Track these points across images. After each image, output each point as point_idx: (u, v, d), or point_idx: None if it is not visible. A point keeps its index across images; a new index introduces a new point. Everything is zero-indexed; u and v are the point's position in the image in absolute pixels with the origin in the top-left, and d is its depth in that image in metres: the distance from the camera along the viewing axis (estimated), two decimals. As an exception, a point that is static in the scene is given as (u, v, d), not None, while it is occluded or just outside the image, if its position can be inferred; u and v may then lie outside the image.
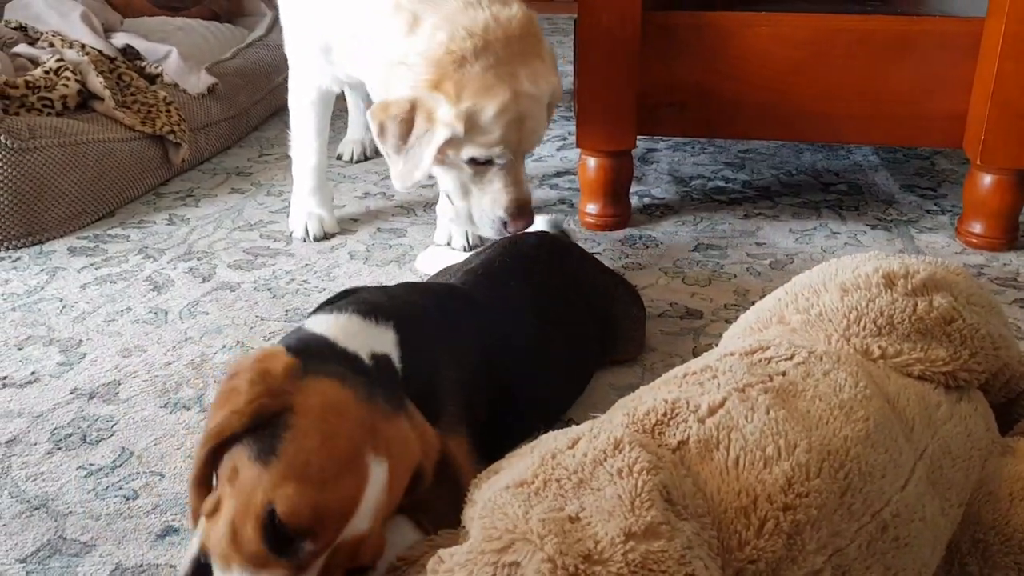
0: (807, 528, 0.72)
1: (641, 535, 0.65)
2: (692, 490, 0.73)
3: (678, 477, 0.74)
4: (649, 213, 2.05)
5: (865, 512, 0.76)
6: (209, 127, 2.45)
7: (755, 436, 0.77)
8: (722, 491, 0.74)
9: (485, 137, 1.50)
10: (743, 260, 1.80)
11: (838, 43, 1.77)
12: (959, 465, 0.88)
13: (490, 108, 1.48)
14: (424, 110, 1.49)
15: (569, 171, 2.29)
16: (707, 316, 1.57)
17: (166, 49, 2.46)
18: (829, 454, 0.77)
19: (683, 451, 0.78)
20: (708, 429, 0.79)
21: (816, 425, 0.80)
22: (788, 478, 0.74)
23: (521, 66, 1.50)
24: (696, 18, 1.82)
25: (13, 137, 1.85)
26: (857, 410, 0.82)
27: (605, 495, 0.69)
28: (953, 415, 0.90)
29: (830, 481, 0.75)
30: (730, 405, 0.81)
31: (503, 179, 1.56)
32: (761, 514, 0.72)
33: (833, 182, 2.24)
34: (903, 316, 0.94)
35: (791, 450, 0.76)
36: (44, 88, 2.05)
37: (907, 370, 0.92)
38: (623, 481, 0.70)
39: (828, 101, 1.82)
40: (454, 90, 1.47)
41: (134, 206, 2.13)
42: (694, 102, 1.87)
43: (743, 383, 0.84)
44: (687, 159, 2.42)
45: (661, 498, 0.69)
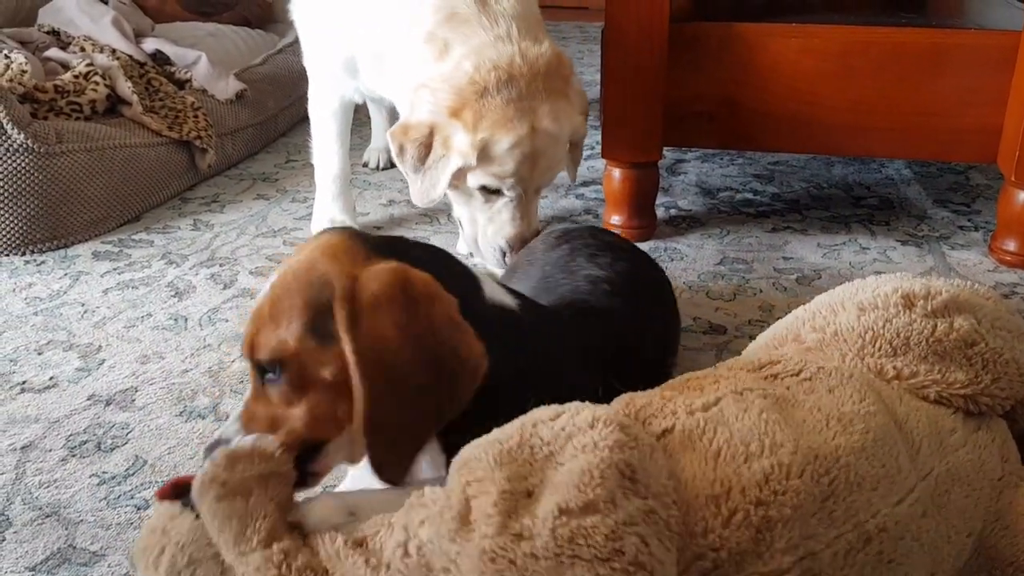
0: (778, 526, 0.72)
1: (577, 511, 0.66)
2: (663, 472, 0.73)
3: (651, 459, 0.73)
4: (675, 225, 2.02)
5: (847, 521, 0.75)
6: (236, 133, 2.46)
7: (742, 433, 0.77)
8: (697, 478, 0.74)
9: (497, 168, 1.52)
10: (769, 275, 1.76)
11: (870, 55, 1.73)
12: (969, 493, 0.85)
13: (505, 141, 1.50)
14: (442, 135, 1.52)
15: (595, 181, 2.27)
16: (731, 332, 1.54)
17: (195, 55, 2.48)
18: (816, 458, 0.76)
19: (667, 439, 0.78)
20: (696, 420, 0.79)
21: (808, 432, 0.79)
22: (766, 474, 0.74)
23: (543, 103, 1.52)
24: (724, 29, 1.79)
25: (40, 141, 1.87)
26: (856, 423, 0.81)
27: (563, 469, 0.69)
28: (968, 442, 0.88)
29: (811, 484, 0.74)
30: (724, 404, 0.81)
31: (511, 211, 1.58)
32: (732, 505, 0.72)
33: (864, 196, 2.20)
34: (920, 337, 0.92)
35: (775, 449, 0.76)
36: (73, 92, 2.07)
37: (922, 392, 0.90)
38: (584, 456, 0.70)
39: (859, 114, 1.78)
40: (472, 119, 1.49)
41: (159, 211, 2.14)
42: (722, 113, 1.84)
43: (742, 387, 0.84)
44: (715, 170, 2.39)
45: (619, 475, 0.69)
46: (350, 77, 1.77)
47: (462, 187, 1.58)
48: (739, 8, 2.15)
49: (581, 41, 4.25)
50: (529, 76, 1.51)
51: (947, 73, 1.72)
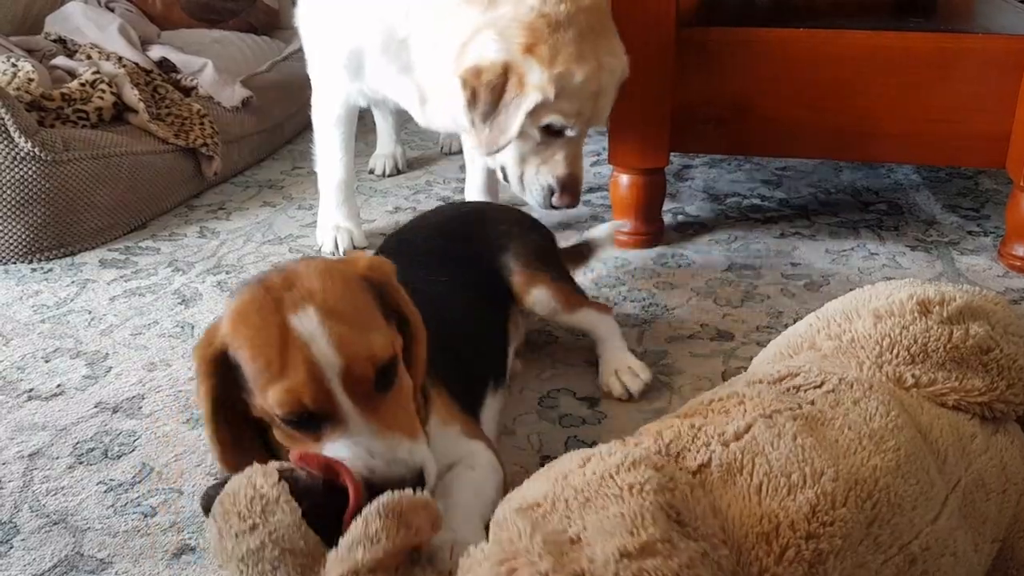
0: (830, 558, 0.71)
1: (636, 554, 0.64)
2: (707, 512, 0.72)
3: (692, 498, 0.72)
4: (682, 231, 2.02)
5: (893, 544, 0.74)
6: (243, 140, 2.46)
7: (780, 462, 0.76)
8: (744, 516, 0.73)
9: (567, 104, 1.52)
10: (777, 281, 1.75)
11: (878, 60, 1.72)
12: (993, 499, 0.85)
13: (579, 75, 1.50)
14: (516, 75, 1.49)
15: (602, 187, 2.26)
16: (738, 338, 1.53)
17: (201, 62, 2.48)
18: (856, 483, 0.75)
19: (704, 474, 0.77)
20: (732, 453, 0.78)
21: (844, 454, 0.77)
22: (812, 506, 0.73)
23: (603, 39, 1.54)
24: (732, 35, 1.79)
25: (47, 149, 1.87)
26: (887, 439, 0.80)
27: (608, 514, 0.68)
28: (989, 447, 0.88)
29: (856, 511, 0.73)
30: (756, 431, 0.80)
31: (566, 151, 1.59)
32: (783, 541, 0.71)
33: (872, 201, 2.19)
34: (938, 344, 0.92)
35: (817, 477, 0.75)
36: (80, 100, 2.07)
37: (941, 400, 0.90)
38: (629, 499, 0.69)
39: (868, 119, 1.78)
40: (548, 54, 1.48)
41: (166, 218, 2.14)
42: (730, 119, 1.83)
43: (770, 409, 0.83)
44: (723, 176, 2.38)
45: (666, 517, 0.68)
46: (353, 78, 1.76)
47: (521, 131, 1.54)
48: (747, 14, 2.14)
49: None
50: (588, 11, 1.51)
51: (956, 78, 1.72)
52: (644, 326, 1.58)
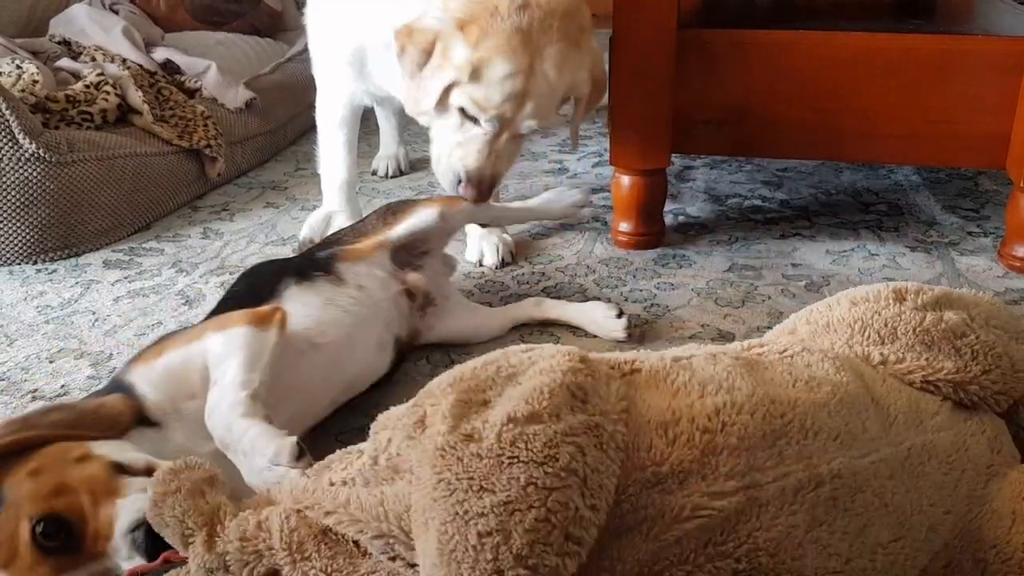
0: (723, 452, 0.76)
1: (522, 419, 0.72)
2: (615, 397, 0.79)
3: (606, 386, 0.79)
4: (683, 232, 2.02)
5: (799, 461, 0.78)
6: (246, 141, 2.47)
7: (703, 376, 0.83)
8: (652, 408, 0.80)
9: (483, 94, 1.48)
10: (778, 282, 1.76)
11: (878, 62, 1.73)
12: (948, 471, 0.87)
13: (499, 68, 1.45)
14: (443, 45, 1.47)
15: (604, 188, 2.27)
16: (739, 338, 1.54)
17: (205, 64, 2.49)
18: (772, 403, 0.80)
19: (633, 376, 0.84)
20: (665, 364, 0.86)
21: (771, 384, 0.83)
22: (717, 408, 0.79)
23: (551, 45, 1.47)
24: (733, 36, 1.80)
25: (52, 151, 1.88)
26: (823, 385, 0.84)
27: (520, 387, 0.77)
28: (952, 427, 0.90)
29: (761, 422, 0.79)
30: (695, 359, 0.87)
31: (480, 144, 1.53)
32: (678, 429, 0.77)
33: (872, 202, 2.19)
34: (908, 327, 0.94)
35: (731, 390, 0.81)
36: (84, 102, 2.08)
37: (908, 378, 0.92)
38: (539, 377, 0.77)
39: (868, 120, 1.78)
40: (476, 35, 1.45)
41: (170, 219, 2.15)
42: (730, 121, 1.84)
43: (718, 351, 0.89)
44: (724, 177, 2.39)
45: (569, 395, 0.75)
46: (358, 78, 1.77)
47: (446, 103, 1.53)
48: (748, 15, 2.15)
49: (589, 48, 4.26)
50: (545, 12, 1.46)
51: (955, 79, 1.72)
52: (645, 326, 1.59)
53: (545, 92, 1.49)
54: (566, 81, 1.52)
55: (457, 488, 0.70)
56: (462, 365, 0.82)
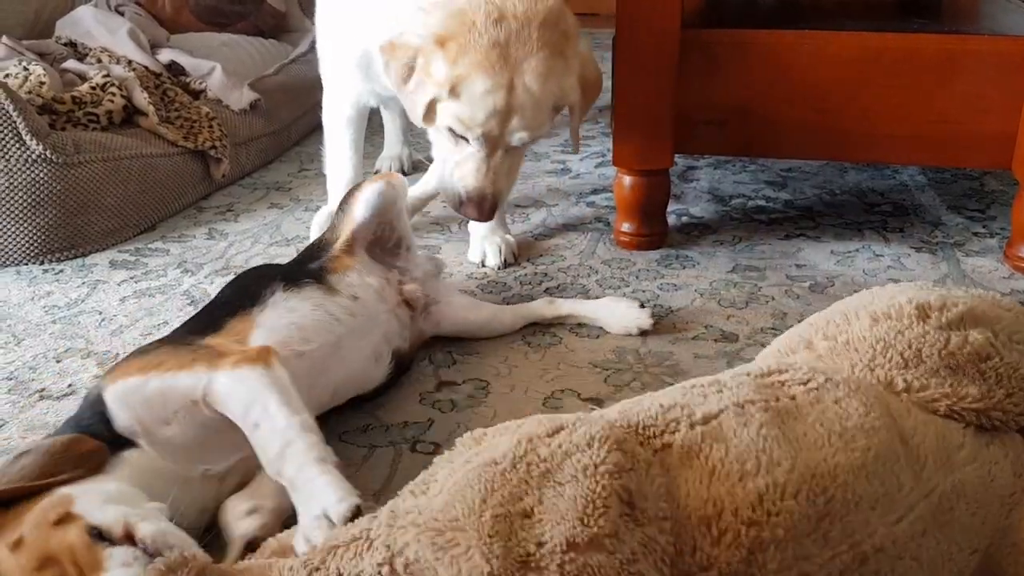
0: (770, 547, 0.72)
1: (584, 546, 0.67)
2: (661, 493, 0.74)
3: (648, 479, 0.74)
4: (687, 232, 2.02)
5: (843, 542, 0.75)
6: (251, 142, 2.48)
7: (738, 449, 0.77)
8: (692, 498, 0.75)
9: (467, 112, 1.47)
10: (782, 282, 1.76)
11: (883, 62, 1.73)
12: (976, 511, 0.84)
13: (479, 84, 1.44)
14: (424, 61, 1.47)
15: (606, 188, 2.28)
16: (742, 339, 1.54)
17: (210, 65, 2.50)
18: (813, 477, 0.76)
19: (665, 454, 0.78)
20: (696, 435, 0.79)
21: (808, 448, 0.79)
22: (760, 494, 0.74)
23: (531, 56, 1.45)
24: (736, 36, 1.80)
25: (59, 152, 1.89)
26: (858, 439, 0.80)
27: (564, 492, 0.71)
28: (977, 458, 0.87)
29: (806, 504, 0.74)
30: (723, 417, 0.81)
31: (476, 163, 1.52)
32: (723, 525, 0.73)
33: (877, 202, 2.19)
34: (932, 350, 0.91)
35: (772, 467, 0.76)
36: (90, 103, 2.09)
37: (932, 406, 0.89)
38: (584, 480, 0.71)
39: (872, 121, 1.78)
40: (454, 52, 1.44)
41: (175, 220, 2.16)
42: (734, 121, 1.84)
43: (744, 399, 0.84)
44: (728, 177, 2.39)
45: (619, 502, 0.70)
46: (365, 79, 1.78)
47: (433, 118, 1.52)
48: (751, 15, 2.15)
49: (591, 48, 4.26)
50: (524, 22, 1.44)
51: (961, 79, 1.72)
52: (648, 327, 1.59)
53: (529, 105, 1.47)
54: (551, 91, 1.50)
55: None
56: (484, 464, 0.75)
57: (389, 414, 1.35)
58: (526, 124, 1.49)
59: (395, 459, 1.25)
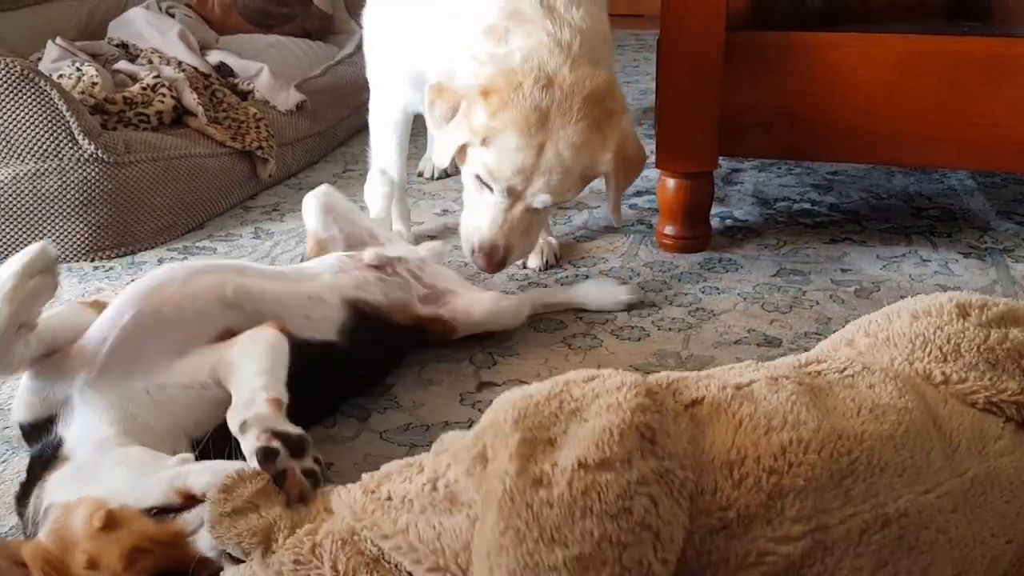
0: (790, 495, 0.74)
1: (594, 466, 0.71)
2: (683, 437, 0.77)
3: (674, 424, 0.77)
4: (730, 235, 2.01)
5: (865, 501, 0.76)
6: (297, 143, 2.51)
7: (767, 408, 0.80)
8: (716, 445, 0.77)
9: (494, 163, 1.50)
10: (827, 287, 1.75)
11: (931, 65, 1.71)
12: (1011, 499, 0.85)
13: (510, 140, 1.48)
14: (467, 106, 1.51)
15: (649, 191, 2.27)
16: (785, 344, 1.53)
17: (258, 67, 2.54)
18: (839, 438, 0.78)
19: (695, 409, 0.82)
20: (727, 395, 0.83)
21: (836, 416, 0.81)
22: (783, 446, 0.77)
23: (569, 126, 1.48)
24: (782, 38, 1.78)
25: (110, 151, 1.93)
26: (888, 414, 0.82)
27: (587, 425, 0.74)
28: (1016, 451, 0.87)
29: (829, 460, 0.76)
30: (756, 385, 0.84)
31: (493, 214, 1.55)
32: (744, 471, 0.75)
33: (925, 207, 2.16)
34: (971, 345, 0.92)
35: (797, 425, 0.78)
36: (141, 104, 2.13)
37: (970, 399, 0.90)
38: (607, 415, 0.75)
39: (920, 124, 1.76)
40: (495, 106, 1.48)
41: (222, 219, 2.19)
42: (779, 123, 1.83)
43: (779, 375, 0.86)
44: (773, 180, 2.37)
45: (638, 436, 0.73)
46: (414, 90, 1.79)
47: (464, 160, 1.56)
48: (798, 17, 2.13)
49: (636, 49, 4.25)
50: (568, 92, 1.48)
51: (1011, 82, 1.69)
52: (690, 331, 1.59)
53: (558, 169, 1.50)
54: (582, 162, 1.52)
55: (527, 537, 0.68)
56: (521, 396, 0.80)
57: (429, 414, 1.36)
58: (550, 187, 1.52)
59: (436, 459, 1.25)
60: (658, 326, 1.61)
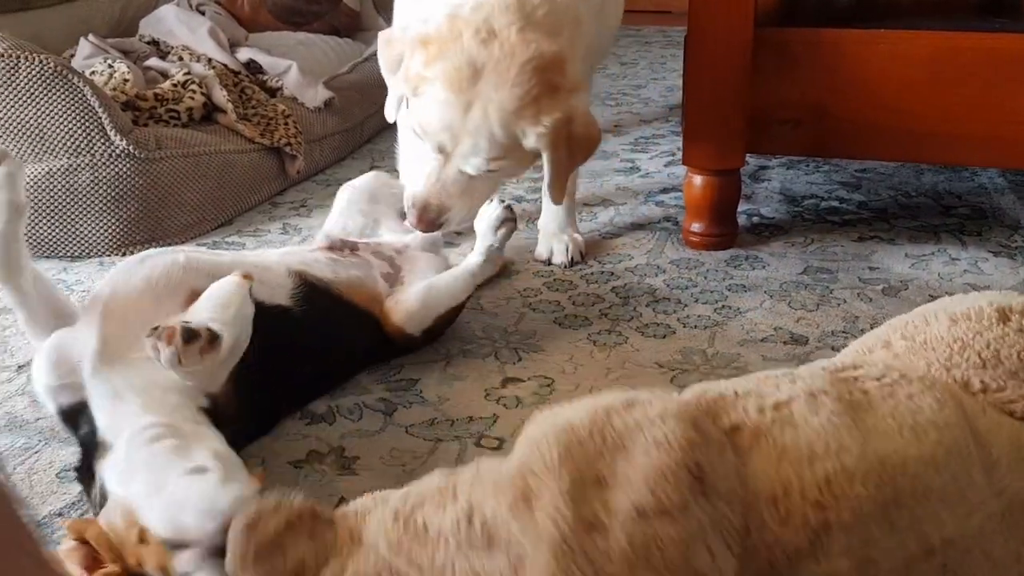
0: (835, 530, 0.73)
1: (651, 514, 0.69)
2: (731, 473, 0.75)
3: (720, 458, 0.75)
4: (757, 233, 2.00)
5: (911, 531, 0.75)
6: (324, 139, 2.53)
7: (808, 434, 0.78)
8: (760, 478, 0.76)
9: (426, 117, 1.43)
10: (854, 285, 1.73)
11: (962, 62, 1.69)
12: None
13: (438, 92, 1.40)
14: (408, 58, 1.46)
15: (676, 188, 2.26)
16: (812, 342, 1.53)
17: (286, 64, 2.56)
18: (882, 465, 0.76)
19: (736, 435, 0.80)
20: (766, 419, 0.80)
21: (878, 438, 0.79)
22: (828, 477, 0.75)
23: (501, 89, 1.39)
24: (811, 35, 1.77)
25: (141, 147, 1.95)
26: (930, 432, 0.80)
27: (636, 463, 0.73)
28: None
29: (873, 491, 0.75)
30: (795, 405, 0.82)
31: (429, 169, 1.47)
32: (789, 506, 0.74)
33: (954, 205, 2.14)
34: (1012, 351, 0.90)
35: (841, 453, 0.76)
36: (172, 100, 2.16)
37: (1008, 408, 0.88)
38: (656, 453, 0.73)
39: (950, 122, 1.74)
40: (432, 55, 1.41)
41: (251, 215, 2.21)
42: (808, 120, 1.82)
43: (817, 389, 0.84)
44: (800, 177, 2.36)
45: (689, 477, 0.72)
46: None
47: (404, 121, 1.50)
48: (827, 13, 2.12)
49: (663, 46, 4.23)
50: (508, 52, 1.38)
51: (1044, 79, 1.67)
52: (716, 328, 1.58)
53: (483, 133, 1.41)
54: (510, 131, 1.41)
55: None
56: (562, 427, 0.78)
57: (454, 408, 1.37)
58: (478, 151, 1.43)
59: (460, 454, 1.26)
60: (684, 323, 1.60)
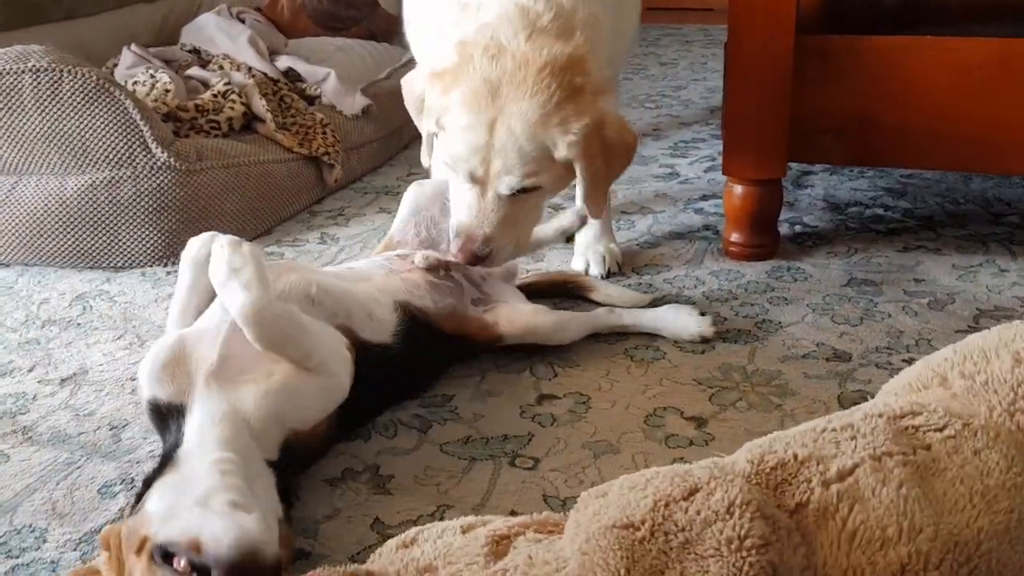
0: None
1: None
2: (802, 563, 0.71)
3: (789, 548, 0.72)
4: (799, 242, 1.97)
5: None
6: (362, 147, 2.53)
7: (878, 512, 0.75)
8: (829, 564, 0.73)
9: (449, 144, 1.40)
10: (899, 298, 1.70)
11: (1010, 69, 1.64)
12: None
13: (460, 118, 1.37)
14: (427, 96, 1.44)
15: (716, 194, 2.23)
16: (855, 359, 1.49)
17: (325, 71, 2.57)
18: (956, 545, 0.73)
19: (801, 515, 0.76)
20: (831, 494, 0.77)
21: (950, 510, 0.75)
22: (903, 564, 0.72)
23: (523, 100, 1.34)
24: (854, 42, 1.73)
25: (182, 159, 1.97)
26: (1001, 499, 0.76)
27: (709, 568, 0.69)
28: None
29: (949, 574, 0.71)
30: (860, 473, 0.78)
31: (468, 200, 1.43)
32: None
33: (1004, 213, 2.08)
34: None
35: (913, 535, 0.73)
36: (212, 111, 2.18)
37: None
38: (729, 556, 0.70)
39: (998, 130, 1.69)
40: (446, 85, 1.39)
41: (289, 224, 2.23)
42: (852, 129, 1.78)
43: (881, 451, 0.81)
44: (844, 184, 2.31)
45: None
46: None
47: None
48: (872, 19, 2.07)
49: (705, 45, 4.19)
50: (520, 62, 1.34)
51: (1099, 86, 1.62)
52: (756, 343, 1.56)
53: (512, 149, 1.35)
54: (539, 141, 1.36)
55: None
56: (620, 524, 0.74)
57: (489, 426, 1.36)
58: (509, 169, 1.37)
59: (494, 472, 1.25)
60: (723, 338, 1.58)
